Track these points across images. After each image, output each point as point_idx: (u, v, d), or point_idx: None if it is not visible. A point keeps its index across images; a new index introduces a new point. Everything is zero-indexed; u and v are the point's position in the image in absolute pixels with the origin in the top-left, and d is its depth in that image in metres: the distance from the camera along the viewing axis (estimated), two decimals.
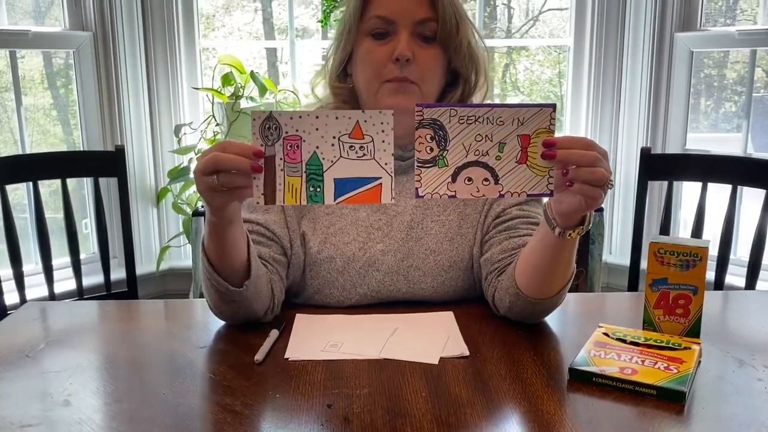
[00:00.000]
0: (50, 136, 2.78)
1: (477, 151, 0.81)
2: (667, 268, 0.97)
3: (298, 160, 0.86)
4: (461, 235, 1.17)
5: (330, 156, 0.86)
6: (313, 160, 0.86)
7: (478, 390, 0.85)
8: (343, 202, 0.88)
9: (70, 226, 1.73)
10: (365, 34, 1.13)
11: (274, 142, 0.86)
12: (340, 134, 0.86)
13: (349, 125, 0.86)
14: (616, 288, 2.75)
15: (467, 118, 0.82)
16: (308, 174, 0.87)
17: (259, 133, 0.86)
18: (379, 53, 1.11)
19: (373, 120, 0.86)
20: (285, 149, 0.86)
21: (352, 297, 1.14)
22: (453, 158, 0.81)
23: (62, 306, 1.30)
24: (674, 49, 2.60)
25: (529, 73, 3.22)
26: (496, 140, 0.83)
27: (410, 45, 1.09)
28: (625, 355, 0.90)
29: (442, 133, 0.82)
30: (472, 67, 1.17)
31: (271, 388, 0.86)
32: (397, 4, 1.10)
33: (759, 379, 0.88)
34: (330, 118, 0.86)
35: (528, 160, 0.83)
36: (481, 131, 0.83)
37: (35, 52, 2.59)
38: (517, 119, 0.83)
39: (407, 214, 1.18)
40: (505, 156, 0.82)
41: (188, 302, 1.29)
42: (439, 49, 1.13)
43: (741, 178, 1.69)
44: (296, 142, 0.86)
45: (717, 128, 2.79)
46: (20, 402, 0.83)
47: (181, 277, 2.81)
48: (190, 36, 2.74)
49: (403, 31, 1.10)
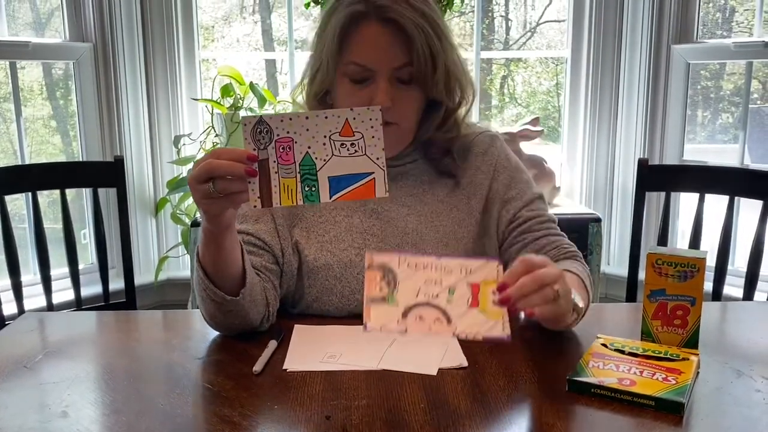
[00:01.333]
0: (49, 146, 2.78)
1: (427, 293, 0.81)
2: (665, 279, 0.97)
3: (292, 162, 0.88)
4: (456, 240, 1.18)
5: (322, 155, 0.88)
6: (306, 160, 0.88)
7: (477, 401, 0.85)
8: (339, 199, 0.89)
9: (69, 236, 1.73)
10: (343, 75, 1.11)
11: (266, 145, 0.87)
12: (330, 133, 0.88)
13: (339, 124, 0.88)
14: (614, 299, 2.75)
15: (416, 265, 0.83)
16: (302, 174, 0.88)
17: (250, 137, 0.87)
18: (358, 98, 1.10)
19: (361, 117, 0.88)
20: (278, 152, 0.87)
21: (351, 303, 1.14)
22: (403, 298, 0.80)
23: (60, 316, 1.30)
24: (671, 61, 2.61)
25: (527, 85, 3.23)
26: (446, 285, 0.83)
27: (389, 92, 1.08)
28: (623, 366, 0.90)
29: (391, 276, 0.82)
30: (451, 93, 1.16)
31: (269, 399, 0.86)
32: (375, 51, 1.08)
33: (757, 390, 0.88)
34: (319, 117, 0.88)
35: (479, 305, 0.82)
36: (431, 276, 0.83)
37: (35, 63, 2.60)
38: (465, 269, 0.84)
39: (401, 220, 1.18)
40: (456, 300, 0.82)
41: (187, 313, 1.29)
42: (417, 89, 1.12)
43: (738, 189, 1.69)
44: (288, 143, 0.87)
45: (714, 139, 2.80)
46: (18, 413, 0.83)
47: (179, 287, 2.81)
48: (190, 47, 2.76)
49: (381, 80, 1.09)
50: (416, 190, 1.21)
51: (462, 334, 0.80)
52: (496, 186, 1.22)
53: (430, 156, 1.22)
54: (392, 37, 1.08)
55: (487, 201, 1.22)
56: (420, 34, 1.07)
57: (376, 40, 1.08)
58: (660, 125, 2.67)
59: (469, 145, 1.24)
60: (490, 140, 1.26)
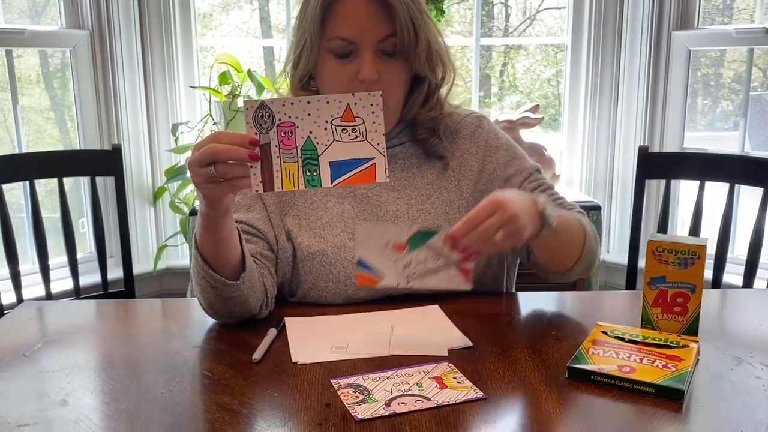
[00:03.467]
0: (47, 135, 2.77)
1: (400, 390, 0.84)
2: (665, 267, 0.97)
3: (293, 146, 0.88)
4: (448, 221, 1.18)
5: (324, 140, 0.88)
6: (308, 144, 0.88)
7: (477, 387, 0.85)
8: (340, 184, 0.90)
9: (67, 225, 1.73)
10: (327, 51, 1.12)
11: (268, 129, 0.87)
12: (332, 118, 0.88)
13: (340, 109, 0.88)
14: (613, 287, 2.76)
15: (379, 378, 0.87)
16: (303, 159, 0.88)
17: (252, 121, 0.87)
18: (343, 73, 1.11)
19: (363, 102, 0.89)
20: (279, 136, 0.87)
21: (348, 288, 1.14)
22: (379, 395, 0.83)
23: (59, 305, 1.29)
24: (671, 48, 2.60)
25: (527, 73, 3.22)
26: (413, 383, 0.85)
27: (375, 65, 1.09)
28: (623, 353, 0.90)
29: (363, 387, 0.85)
30: (433, 67, 1.18)
31: (269, 387, 0.86)
32: (359, 23, 1.09)
33: (757, 377, 0.88)
34: (321, 102, 0.88)
35: (448, 387, 0.85)
36: (396, 381, 0.86)
37: (32, 52, 2.59)
38: (423, 370, 0.88)
39: (391, 204, 1.19)
40: (426, 389, 0.84)
41: (185, 301, 1.29)
42: (401, 61, 1.13)
43: (738, 176, 1.69)
44: (290, 128, 0.87)
45: (714, 127, 2.79)
46: (18, 401, 0.83)
47: (178, 276, 2.81)
48: (187, 34, 2.74)
49: (366, 52, 1.09)
50: (405, 173, 1.21)
51: (444, 402, 0.82)
52: (492, 167, 1.22)
53: (417, 137, 1.22)
54: (375, 9, 1.08)
55: (484, 182, 1.22)
56: (401, 5, 1.08)
57: (359, 13, 1.08)
58: (660, 113, 2.66)
59: (457, 127, 1.25)
60: (477, 122, 1.26)
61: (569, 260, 1.13)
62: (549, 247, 1.09)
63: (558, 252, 1.12)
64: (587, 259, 1.15)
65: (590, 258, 1.15)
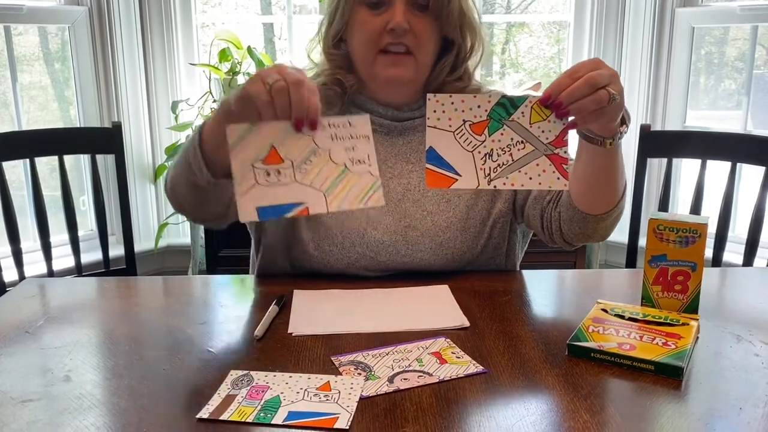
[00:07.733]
0: (47, 112, 2.76)
1: (401, 366, 0.84)
2: (666, 245, 0.97)
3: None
4: (458, 196, 1.19)
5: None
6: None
7: (476, 362, 0.85)
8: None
9: (68, 203, 1.73)
10: (360, 3, 1.13)
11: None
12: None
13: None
14: (614, 265, 2.76)
15: (379, 354, 0.86)
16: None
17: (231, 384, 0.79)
18: (374, 24, 1.12)
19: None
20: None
21: (350, 255, 1.16)
22: (381, 372, 0.83)
23: (61, 282, 1.30)
24: (675, 25, 2.58)
25: (529, 50, 3.19)
26: (413, 359, 0.85)
27: (405, 15, 1.10)
28: (623, 331, 0.90)
29: (364, 363, 0.84)
30: (464, 33, 1.18)
31: (270, 364, 0.86)
32: None
33: (756, 355, 0.88)
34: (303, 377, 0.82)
35: (447, 361, 0.85)
36: (397, 357, 0.85)
37: (31, 29, 2.56)
38: (421, 346, 0.88)
39: (404, 176, 1.20)
40: (427, 364, 0.84)
41: (187, 278, 1.29)
42: (432, 19, 1.13)
43: (740, 155, 1.68)
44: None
45: (717, 105, 2.77)
46: (21, 377, 0.84)
47: (179, 254, 2.81)
48: (187, 11, 2.71)
49: (398, 2, 1.11)
50: (422, 146, 1.21)
51: (446, 377, 0.82)
52: None
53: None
54: None
55: None
56: None
57: None
58: (663, 91, 2.65)
59: None
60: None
61: (612, 198, 1.09)
62: (605, 171, 1.05)
63: (607, 182, 1.07)
64: (620, 210, 1.12)
65: (621, 209, 1.13)
